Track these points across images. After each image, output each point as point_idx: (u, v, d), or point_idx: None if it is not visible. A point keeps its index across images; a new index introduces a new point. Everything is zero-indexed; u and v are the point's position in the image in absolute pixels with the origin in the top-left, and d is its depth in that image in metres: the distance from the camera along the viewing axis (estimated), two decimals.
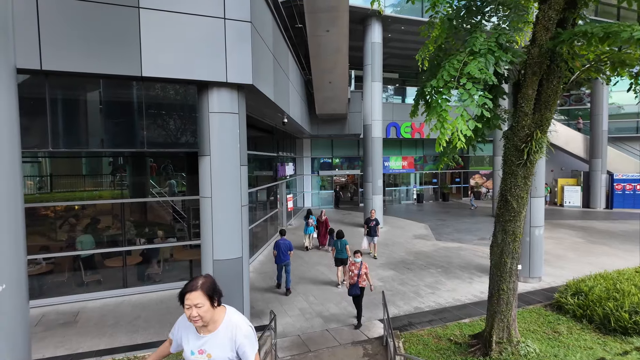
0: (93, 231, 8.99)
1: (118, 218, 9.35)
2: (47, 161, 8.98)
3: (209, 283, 2.40)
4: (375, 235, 11.80)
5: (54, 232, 8.76)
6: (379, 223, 11.91)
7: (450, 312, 7.80)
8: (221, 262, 6.60)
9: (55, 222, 8.87)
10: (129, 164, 9.64)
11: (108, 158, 9.38)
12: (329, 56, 13.12)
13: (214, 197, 6.52)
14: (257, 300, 8.53)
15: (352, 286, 7.30)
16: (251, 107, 10.08)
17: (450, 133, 4.22)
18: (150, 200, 9.61)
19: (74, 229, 8.94)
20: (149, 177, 9.72)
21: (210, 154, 6.48)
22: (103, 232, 9.06)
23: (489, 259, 5.80)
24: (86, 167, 9.50)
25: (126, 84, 6.37)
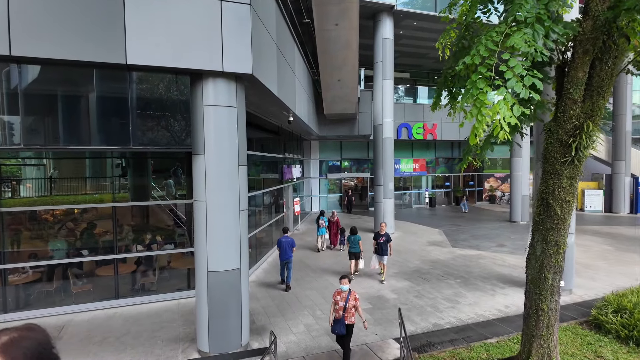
0: (88, 236, 8.35)
1: (115, 223, 8.71)
2: (50, 162, 8.38)
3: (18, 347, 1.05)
4: (386, 255, 9.65)
5: (50, 237, 8.13)
6: (390, 239, 9.69)
7: (473, 330, 6.96)
8: (216, 274, 5.88)
9: (54, 226, 8.24)
10: (128, 165, 9.00)
11: (105, 159, 8.76)
12: (338, 52, 12.41)
13: (209, 201, 5.82)
14: (258, 313, 7.78)
15: (336, 322, 5.63)
16: (254, 104, 9.39)
17: (490, 121, 3.44)
18: (141, 203, 8.92)
19: (73, 234, 8.31)
20: (148, 179, 9.07)
21: (205, 152, 5.78)
22: (95, 238, 8.40)
23: (525, 273, 4.97)
24: (90, 169, 8.87)
25: (110, 73, 5.71)
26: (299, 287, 9.46)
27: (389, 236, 9.69)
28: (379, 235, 9.78)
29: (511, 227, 17.42)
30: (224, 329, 5.94)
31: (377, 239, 9.76)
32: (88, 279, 8.27)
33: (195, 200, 5.95)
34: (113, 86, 6.06)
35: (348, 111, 16.24)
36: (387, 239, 9.68)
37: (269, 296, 8.80)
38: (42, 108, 5.90)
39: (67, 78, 5.87)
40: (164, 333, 6.89)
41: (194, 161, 5.91)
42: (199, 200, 5.88)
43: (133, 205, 8.73)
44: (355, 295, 5.80)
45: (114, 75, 5.93)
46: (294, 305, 8.18)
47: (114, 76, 5.94)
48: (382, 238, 9.67)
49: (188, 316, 7.54)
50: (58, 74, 5.81)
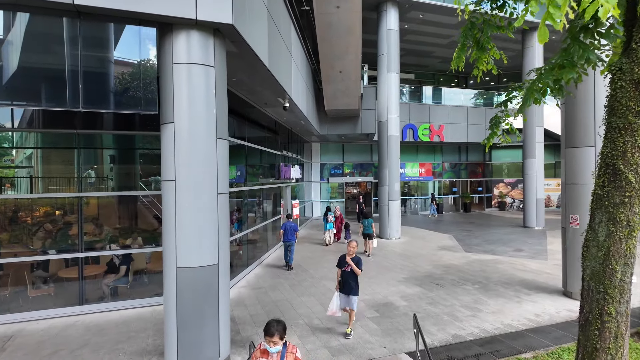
0: (62, 237, 7.24)
1: (96, 222, 7.62)
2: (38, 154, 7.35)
3: None
4: (355, 294, 6.06)
5: (24, 239, 7.04)
6: (360, 265, 6.05)
7: (502, 343, 5.75)
8: (188, 272, 4.75)
9: (32, 228, 7.15)
10: (114, 160, 7.94)
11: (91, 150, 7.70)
12: (339, 39, 11.45)
13: (179, 180, 4.73)
14: (245, 322, 6.60)
15: None
16: (245, 86, 8.37)
17: None
18: (108, 194, 7.81)
19: (51, 236, 7.22)
20: (134, 175, 8.02)
21: (175, 121, 4.73)
22: (71, 239, 7.25)
23: (582, 266, 3.81)
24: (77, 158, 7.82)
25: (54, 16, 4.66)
26: (293, 292, 8.28)
27: (360, 262, 6.05)
28: (342, 261, 6.11)
29: (526, 233, 16.18)
30: (197, 339, 4.78)
31: (342, 266, 6.10)
32: (49, 282, 7.14)
33: (163, 180, 4.87)
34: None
35: (350, 107, 15.23)
36: (358, 262, 6.05)
37: (259, 303, 7.62)
38: None
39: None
40: (129, 345, 5.73)
41: (162, 132, 4.86)
42: (167, 179, 4.80)
43: (99, 195, 7.61)
44: (296, 355, 3.17)
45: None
46: (287, 313, 7.00)
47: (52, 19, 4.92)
48: (347, 267, 6.02)
49: (162, 325, 6.35)
50: None
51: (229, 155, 5.41)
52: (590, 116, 7.42)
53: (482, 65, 4.75)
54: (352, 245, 6.05)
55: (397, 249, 12.96)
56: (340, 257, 6.19)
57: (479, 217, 21.93)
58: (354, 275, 6.02)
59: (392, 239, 14.66)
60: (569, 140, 7.73)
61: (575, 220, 7.61)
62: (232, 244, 9.16)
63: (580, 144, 7.53)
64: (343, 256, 6.14)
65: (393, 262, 11.07)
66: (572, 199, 7.68)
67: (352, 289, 6.04)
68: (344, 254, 6.13)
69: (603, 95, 7.40)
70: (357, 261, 6.04)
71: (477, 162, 25.76)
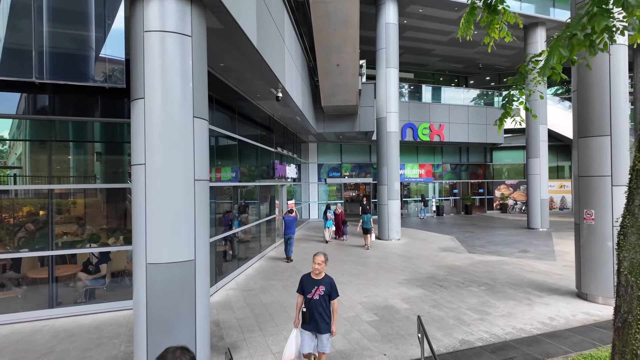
0: (42, 235, 6.63)
1: (79, 221, 7.04)
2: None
3: None
4: (326, 332, 4.11)
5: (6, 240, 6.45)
6: (334, 292, 4.14)
7: (516, 349, 5.14)
8: (159, 269, 4.16)
9: (13, 229, 6.55)
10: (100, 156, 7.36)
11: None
12: (336, 29, 10.92)
13: (149, 163, 4.16)
14: (231, 326, 5.99)
15: None
16: (234, 73, 7.83)
17: None
18: (85, 186, 7.20)
19: (33, 237, 6.61)
20: (121, 163, 7.45)
21: (145, 96, 4.16)
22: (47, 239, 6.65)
23: (618, 257, 3.23)
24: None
25: None
26: (286, 293, 7.68)
27: (333, 285, 4.14)
28: (311, 282, 4.15)
29: (530, 234, 15.59)
30: (169, 342, 4.15)
31: (307, 291, 4.13)
32: (22, 284, 6.53)
33: (133, 164, 4.29)
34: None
35: (348, 103, 14.69)
36: (328, 293, 4.10)
37: (248, 305, 7.01)
38: None
39: None
40: (98, 352, 5.11)
41: (133, 109, 4.29)
42: (137, 163, 4.22)
43: (71, 188, 7.01)
44: None
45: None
46: (278, 317, 6.39)
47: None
48: (319, 289, 4.08)
49: None
50: None
51: (219, 151, 4.84)
52: (605, 103, 6.88)
53: (494, 33, 4.19)
54: (318, 260, 4.07)
55: (397, 250, 12.36)
56: (304, 277, 4.22)
57: (480, 219, 21.36)
58: (326, 304, 4.04)
59: (391, 240, 14.06)
60: (582, 130, 7.18)
61: (589, 216, 7.04)
62: (220, 243, 8.56)
63: (594, 132, 6.98)
64: (307, 276, 4.20)
65: (393, 263, 10.47)
66: (586, 192, 7.12)
67: (323, 325, 4.04)
68: (307, 273, 4.25)
69: (619, 80, 6.87)
70: (330, 284, 4.08)
71: (478, 163, 25.23)
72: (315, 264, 4.12)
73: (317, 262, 4.12)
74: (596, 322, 6.07)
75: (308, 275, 4.23)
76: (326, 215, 14.27)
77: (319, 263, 4.12)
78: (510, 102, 4.54)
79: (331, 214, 14.28)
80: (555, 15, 16.98)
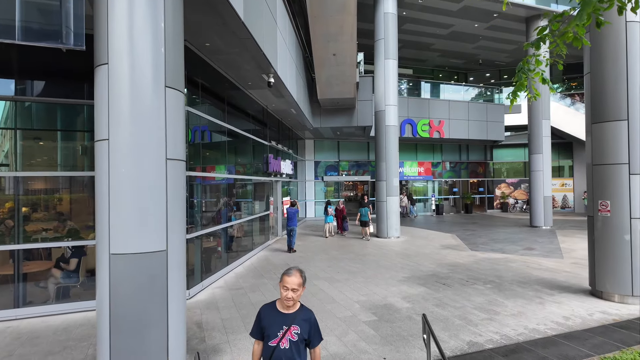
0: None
1: (60, 216, 6.47)
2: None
3: None
4: None
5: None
6: (314, 325, 2.51)
7: (531, 352, 4.60)
8: (124, 260, 3.60)
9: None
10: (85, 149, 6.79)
11: None
12: (332, 16, 10.39)
13: (113, 140, 3.61)
14: (214, 327, 5.43)
15: None
16: (221, 54, 7.30)
17: None
18: (48, 174, 6.61)
19: (10, 233, 6.03)
20: None
21: (109, 62, 3.61)
22: (25, 234, 6.07)
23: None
24: None
25: None
26: (277, 293, 7.11)
27: (314, 324, 2.52)
28: (277, 319, 2.48)
29: (534, 232, 15.08)
30: (137, 348, 3.61)
31: (270, 333, 2.46)
32: None
33: (95, 139, 3.74)
34: None
35: (345, 96, 14.17)
36: (306, 337, 2.47)
37: (235, 305, 6.44)
38: None
39: None
40: (62, 356, 4.55)
41: (96, 77, 3.74)
42: (100, 138, 3.67)
43: (37, 175, 6.42)
44: None
45: None
46: None
47: None
48: (291, 332, 2.44)
49: None
50: None
51: (207, 142, 4.30)
52: (622, 85, 6.36)
53: None
54: (291, 282, 2.45)
55: (397, 248, 11.82)
56: (264, 310, 2.55)
57: (481, 218, 20.85)
58: (302, 356, 2.46)
59: (390, 238, 13.52)
60: (595, 115, 6.66)
61: (605, 207, 6.51)
62: (208, 239, 8.01)
63: (609, 117, 6.46)
64: (270, 309, 2.54)
65: (392, 261, 9.93)
66: (600, 182, 6.60)
67: None
68: (270, 303, 2.58)
69: (635, 60, 6.35)
70: (309, 323, 2.49)
71: (478, 161, 24.74)
72: (287, 290, 2.43)
73: (289, 284, 2.43)
74: (615, 321, 5.54)
75: (272, 307, 2.53)
76: (327, 210, 14.38)
77: (294, 288, 2.43)
78: (526, 71, 4.02)
79: (332, 209, 14.43)
80: (557, 7, 16.53)
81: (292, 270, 2.52)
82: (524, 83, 4.10)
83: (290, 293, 2.45)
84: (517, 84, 4.09)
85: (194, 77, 7.24)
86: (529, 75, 4.06)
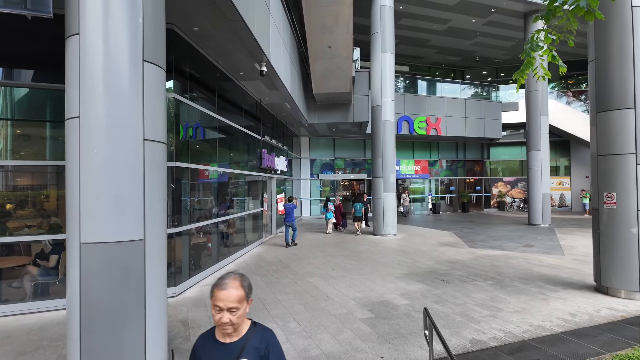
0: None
1: (44, 212, 6.13)
2: None
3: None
4: None
5: None
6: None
7: (538, 350, 4.31)
8: (96, 249, 3.27)
9: None
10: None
11: None
12: (328, 6, 10.09)
13: (84, 118, 3.28)
14: (200, 325, 5.09)
15: None
16: (211, 41, 6.98)
17: None
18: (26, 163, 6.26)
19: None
20: None
21: (81, 31, 3.29)
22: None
23: None
24: None
25: None
26: (269, 290, 6.80)
27: (275, 347, 1.71)
28: (216, 354, 1.68)
29: (532, 230, 14.85)
30: (110, 347, 3.28)
31: None
32: None
33: (66, 117, 3.41)
34: None
35: (341, 90, 13.88)
36: None
37: None
38: None
39: None
40: (34, 357, 4.20)
41: (66, 49, 3.41)
42: (70, 116, 3.34)
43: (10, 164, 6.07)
44: None
45: None
46: (256, 315, 5.50)
47: None
48: None
49: None
50: None
51: (197, 133, 3.98)
52: (628, 72, 6.11)
53: None
54: (225, 297, 1.60)
55: (394, 245, 11.54)
56: (199, 344, 1.76)
57: (478, 217, 20.64)
58: None
59: (387, 235, 13.22)
60: (601, 103, 6.40)
61: (611, 200, 6.25)
62: (198, 235, 7.68)
63: (615, 105, 6.20)
64: (206, 340, 1.75)
65: (389, 257, 9.63)
66: (606, 173, 6.34)
67: None
68: (207, 332, 1.78)
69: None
70: (266, 348, 1.69)
71: (475, 160, 24.53)
72: (222, 311, 1.61)
73: (223, 302, 1.61)
74: (624, 318, 5.27)
75: (209, 338, 1.75)
76: (327, 207, 14.68)
77: (231, 307, 1.61)
78: (535, 47, 3.74)
79: (331, 205, 14.71)
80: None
81: (227, 280, 1.63)
82: (531, 61, 3.82)
83: (226, 316, 1.59)
84: (525, 61, 3.81)
85: (182, 66, 6.91)
86: (537, 52, 3.79)
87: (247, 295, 1.68)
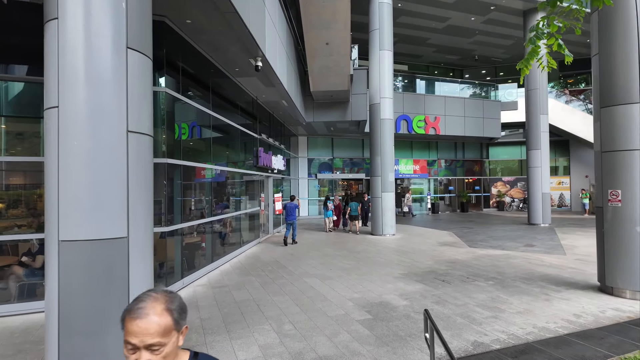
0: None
1: (33, 211, 5.95)
2: None
3: None
4: None
5: None
6: None
7: (543, 353, 4.13)
8: (75, 247, 3.08)
9: None
10: None
11: None
12: (325, 2, 9.92)
13: (63, 107, 3.09)
14: (192, 328, 4.90)
15: None
16: (204, 34, 6.78)
17: None
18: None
19: None
20: None
21: (59, 16, 3.10)
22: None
23: None
24: None
25: None
26: (264, 290, 6.60)
27: None
28: None
29: (532, 229, 14.68)
30: (90, 350, 3.08)
31: None
32: None
33: (45, 107, 3.21)
34: None
35: (339, 88, 13.69)
36: None
37: (217, 304, 5.91)
38: None
39: None
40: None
41: (45, 34, 3.22)
42: (49, 106, 3.15)
43: None
44: None
45: None
46: (250, 317, 5.31)
47: None
48: None
49: None
50: None
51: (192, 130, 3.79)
52: (633, 66, 5.94)
53: None
54: (140, 328, 1.06)
55: (392, 245, 11.35)
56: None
57: (477, 217, 20.48)
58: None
59: (385, 235, 13.04)
60: (605, 98, 6.23)
61: (615, 197, 6.08)
62: (191, 234, 7.48)
63: (620, 100, 6.03)
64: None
65: (388, 257, 9.45)
66: (610, 170, 6.16)
67: None
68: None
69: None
70: None
71: (474, 159, 24.36)
72: (136, 351, 1.08)
73: (137, 336, 1.07)
74: (631, 319, 5.10)
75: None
76: (326, 205, 14.76)
77: (151, 343, 1.08)
78: (540, 35, 3.56)
79: (331, 204, 14.89)
80: None
81: (144, 304, 1.12)
82: (537, 50, 3.64)
83: (144, 357, 1.08)
84: (530, 50, 3.63)
85: (174, 60, 6.71)
86: (542, 40, 3.61)
87: (176, 322, 1.14)
